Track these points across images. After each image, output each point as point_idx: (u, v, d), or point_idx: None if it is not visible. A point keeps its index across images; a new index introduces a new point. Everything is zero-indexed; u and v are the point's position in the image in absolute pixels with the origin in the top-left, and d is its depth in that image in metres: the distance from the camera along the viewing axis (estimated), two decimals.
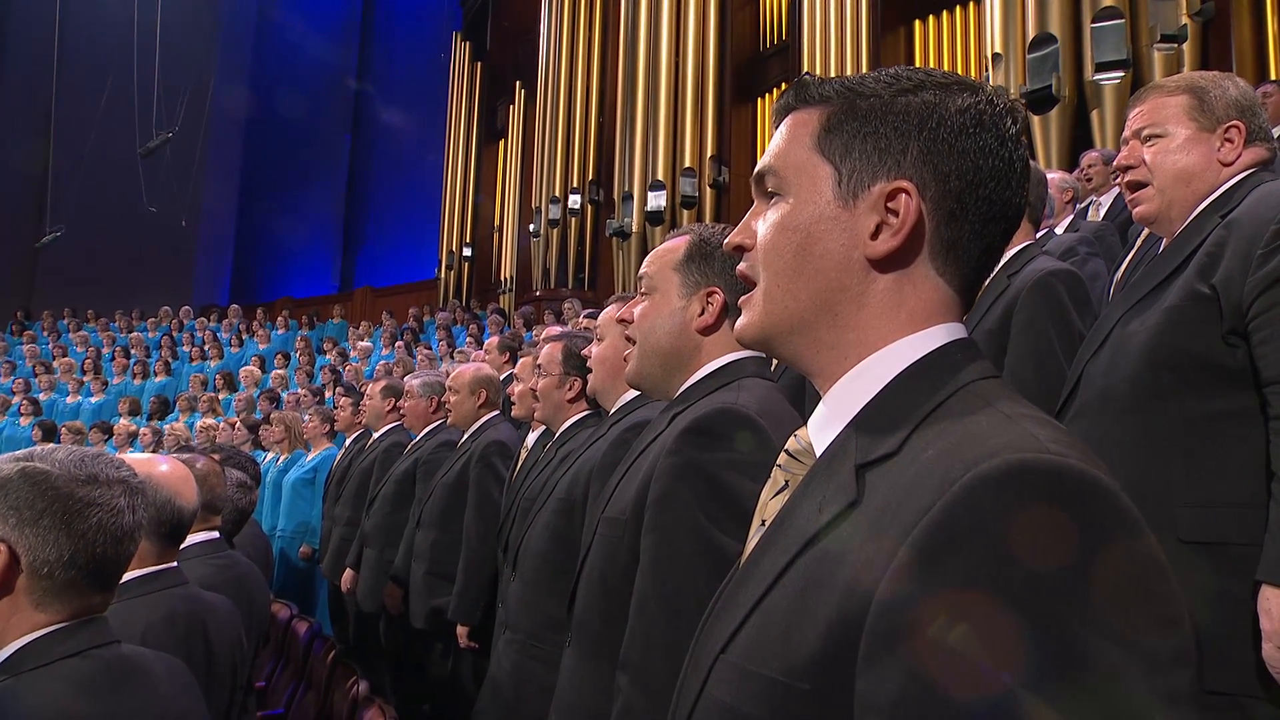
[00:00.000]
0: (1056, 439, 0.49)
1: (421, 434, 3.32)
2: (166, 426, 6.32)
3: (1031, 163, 1.99)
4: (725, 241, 0.70)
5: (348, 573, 3.35)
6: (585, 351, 1.71)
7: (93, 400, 8.97)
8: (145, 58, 11.94)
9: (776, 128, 0.66)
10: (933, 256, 0.60)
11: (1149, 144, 1.41)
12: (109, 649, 1.04)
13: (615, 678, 1.00)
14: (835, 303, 0.61)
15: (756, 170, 0.66)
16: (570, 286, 9.80)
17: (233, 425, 5.67)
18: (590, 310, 4.27)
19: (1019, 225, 0.63)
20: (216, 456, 2.02)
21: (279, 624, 2.88)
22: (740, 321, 0.67)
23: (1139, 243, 1.86)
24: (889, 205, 0.60)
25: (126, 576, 1.26)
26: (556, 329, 4.46)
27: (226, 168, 15.10)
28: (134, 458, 1.44)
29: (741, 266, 0.67)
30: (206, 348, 9.99)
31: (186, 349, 10.31)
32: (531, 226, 10.44)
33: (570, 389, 2.08)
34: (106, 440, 6.95)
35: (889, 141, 0.60)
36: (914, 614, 0.45)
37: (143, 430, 6.52)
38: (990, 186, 0.60)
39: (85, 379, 9.38)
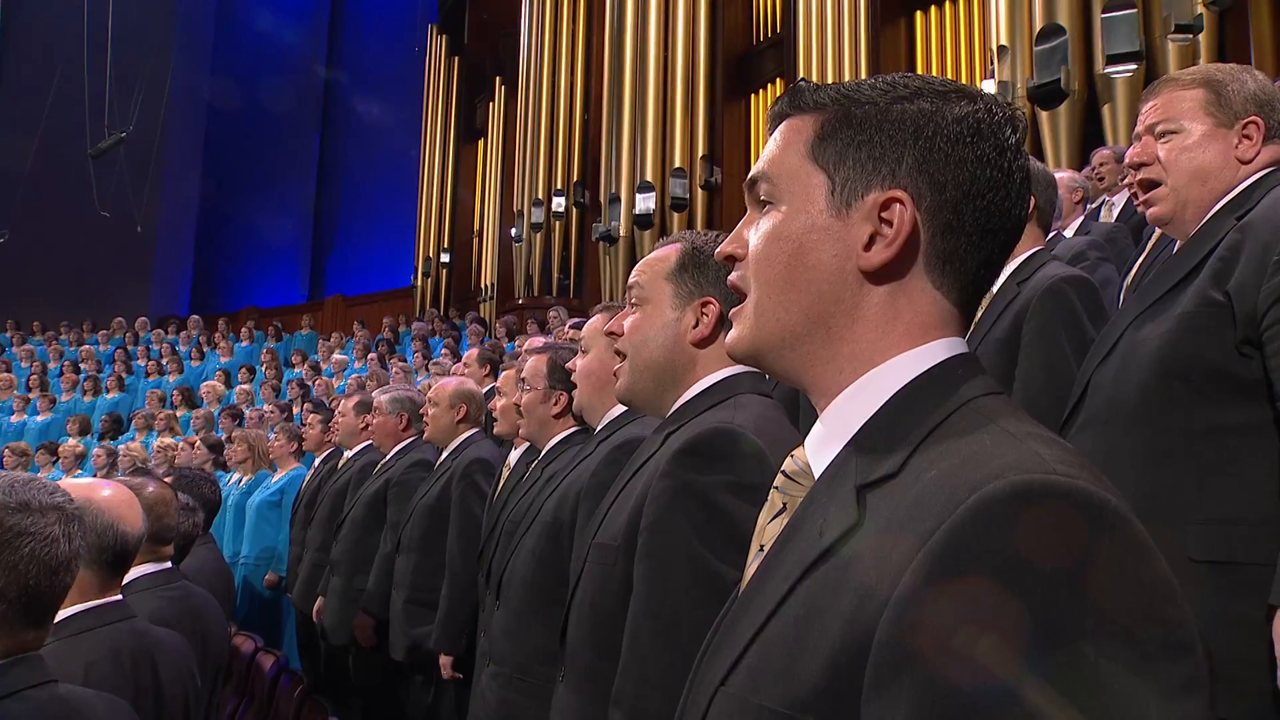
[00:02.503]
0: (1063, 459, 0.50)
1: (392, 453, 3.31)
2: (121, 446, 6.25)
3: (1040, 164, 2.03)
4: (716, 251, 0.71)
5: (319, 601, 3.33)
6: (570, 365, 1.71)
7: (39, 419, 8.87)
8: (96, 50, 11.86)
9: (770, 134, 0.68)
10: (929, 269, 0.62)
11: (1163, 140, 1.42)
12: (44, 689, 1.02)
13: (609, 714, 0.99)
14: (828, 315, 0.62)
15: (749, 177, 0.68)
16: (554, 294, 9.80)
17: (192, 444, 5.62)
18: (576, 320, 4.27)
19: (1019, 238, 0.64)
20: (169, 480, 2.00)
21: (242, 658, 2.84)
22: (730, 335, 0.68)
23: (1150, 245, 1.88)
24: (883, 215, 0.61)
25: (67, 611, 1.25)
26: (540, 340, 4.46)
27: (185, 168, 15.01)
28: (75, 482, 1.43)
29: (733, 277, 0.69)
30: (164, 361, 9.91)
31: (142, 363, 10.22)
32: (513, 231, 10.44)
33: (556, 404, 2.08)
34: (53, 462, 6.87)
35: (883, 150, 0.62)
36: (920, 642, 0.46)
37: (95, 451, 6.45)
38: (988, 197, 0.61)
39: (31, 396, 9.28)
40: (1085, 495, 0.47)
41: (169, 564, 1.96)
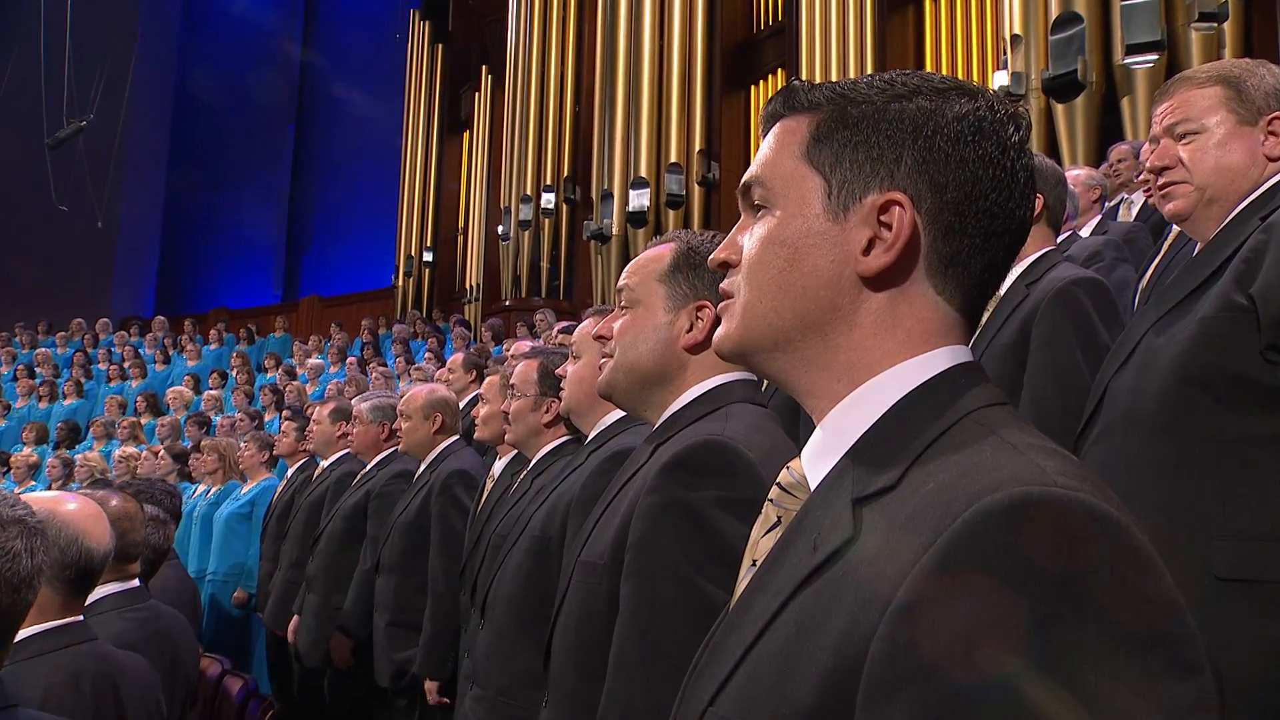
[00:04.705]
0: (1065, 471, 0.51)
1: (373, 463, 3.31)
2: (78, 456, 6.22)
3: (1048, 161, 2.05)
4: (710, 258, 0.72)
5: (294, 620, 3.32)
6: (560, 370, 1.72)
7: None
8: (54, 31, 11.81)
9: (764, 136, 0.69)
10: (930, 273, 0.63)
11: (1184, 141, 1.43)
12: (5, 715, 1.02)
13: None
14: (824, 323, 0.64)
15: (742, 182, 0.69)
16: (543, 295, 9.80)
17: (156, 454, 5.60)
18: (566, 324, 4.28)
19: (1024, 240, 0.66)
20: (130, 491, 2.01)
21: (208, 681, 2.83)
22: (718, 332, 0.69)
23: (1166, 246, 1.90)
24: (881, 218, 0.62)
25: (25, 632, 1.25)
26: (528, 344, 4.47)
27: (151, 159, 14.96)
28: (38, 495, 1.43)
29: (725, 284, 0.70)
30: (127, 365, 9.87)
31: (103, 367, 10.17)
32: (500, 228, 10.44)
33: (547, 411, 2.09)
34: (4, 472, 6.83)
35: (881, 151, 0.63)
36: (914, 661, 0.47)
37: (50, 461, 6.42)
38: (991, 198, 0.62)
39: None
40: (1086, 508, 0.48)
41: (136, 582, 1.96)
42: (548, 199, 10.00)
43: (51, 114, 11.88)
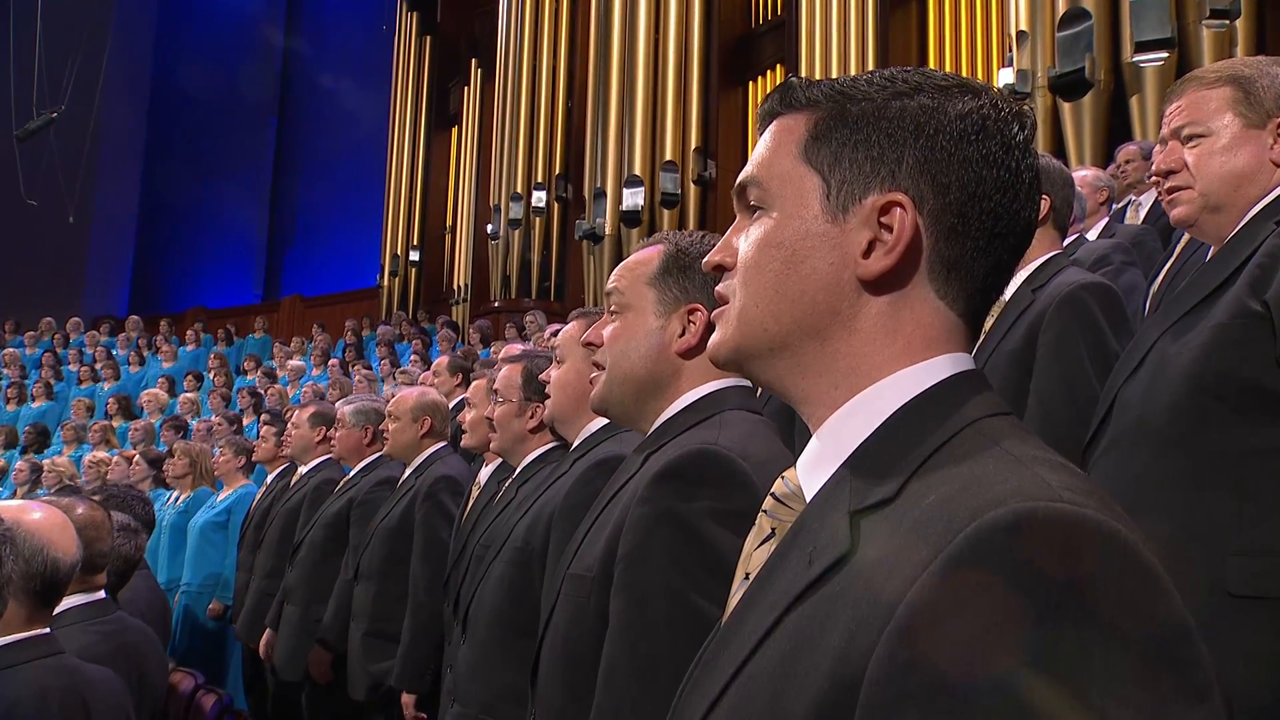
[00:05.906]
0: (1071, 485, 0.50)
1: (356, 469, 3.30)
2: (47, 461, 6.19)
3: (1055, 161, 2.06)
4: (704, 260, 0.72)
5: (266, 634, 3.30)
6: (544, 376, 1.72)
7: None
8: (24, 19, 11.76)
9: (761, 135, 0.69)
10: (932, 277, 0.63)
11: (1190, 144, 1.44)
12: None
13: None
14: (823, 327, 0.64)
15: (738, 182, 0.69)
16: (534, 297, 9.81)
17: (129, 459, 5.57)
18: (557, 326, 4.28)
19: (1029, 243, 0.65)
20: (98, 498, 2.00)
21: (180, 697, 2.81)
22: (713, 338, 0.69)
23: (1178, 250, 1.91)
24: (882, 220, 0.62)
25: None
26: (518, 347, 4.47)
27: (125, 152, 14.91)
28: (1, 504, 1.42)
29: (720, 287, 0.70)
30: (99, 367, 9.83)
31: (74, 368, 10.13)
32: (489, 227, 10.45)
33: (532, 417, 2.09)
34: None
35: (882, 150, 0.63)
36: (912, 683, 0.46)
37: (17, 465, 6.39)
38: (995, 199, 0.62)
39: None
40: (1093, 524, 0.47)
41: (102, 594, 1.95)
42: (539, 197, 10.01)
43: (21, 104, 11.84)
